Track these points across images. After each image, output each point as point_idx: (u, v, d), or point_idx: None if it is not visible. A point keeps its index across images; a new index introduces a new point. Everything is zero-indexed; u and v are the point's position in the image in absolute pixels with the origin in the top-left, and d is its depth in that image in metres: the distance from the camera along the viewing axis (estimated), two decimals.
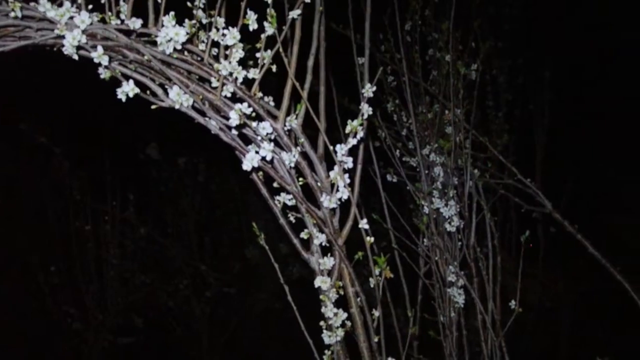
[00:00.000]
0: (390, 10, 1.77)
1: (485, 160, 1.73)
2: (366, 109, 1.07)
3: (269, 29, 0.99)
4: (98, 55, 0.92)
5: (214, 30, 0.99)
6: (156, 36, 0.96)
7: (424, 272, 1.66)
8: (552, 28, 3.03)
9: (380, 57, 1.89)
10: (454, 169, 1.62)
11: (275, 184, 1.11)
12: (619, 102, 3.07)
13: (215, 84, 1.00)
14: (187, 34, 0.97)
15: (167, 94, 1.01)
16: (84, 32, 0.90)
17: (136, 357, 3.75)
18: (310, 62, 1.11)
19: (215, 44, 1.03)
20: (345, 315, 1.14)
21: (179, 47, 0.96)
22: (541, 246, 3.11)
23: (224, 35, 0.98)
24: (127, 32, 0.96)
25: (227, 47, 1.02)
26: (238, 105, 0.94)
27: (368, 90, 1.08)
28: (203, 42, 1.04)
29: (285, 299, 1.25)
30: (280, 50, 0.99)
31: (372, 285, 1.16)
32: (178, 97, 0.99)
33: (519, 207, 1.88)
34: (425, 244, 1.58)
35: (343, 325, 1.15)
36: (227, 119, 0.98)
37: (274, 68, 1.04)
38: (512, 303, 1.42)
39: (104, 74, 0.98)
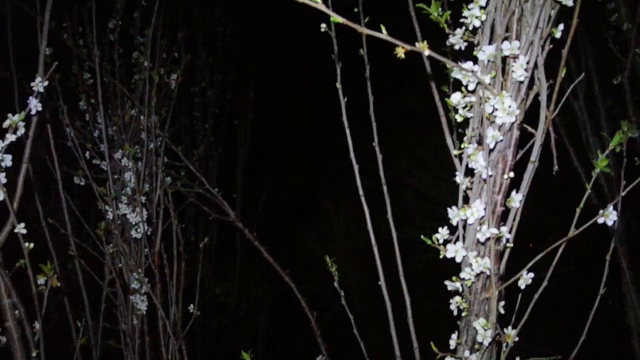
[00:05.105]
0: (90, 4, 1.68)
1: (179, 169, 1.77)
2: (34, 104, 0.99)
3: None
4: None
5: None
6: None
7: (109, 280, 1.60)
8: (259, 52, 3.31)
9: (77, 52, 1.77)
10: (146, 175, 1.62)
11: None
12: (310, 128, 3.52)
13: None
14: None
15: None
16: None
17: None
18: None
19: None
20: None
21: None
22: (238, 252, 3.32)
23: None
24: None
25: None
26: None
27: (38, 84, 1.00)
28: None
29: None
30: None
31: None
32: None
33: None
34: (110, 250, 1.53)
35: None
36: None
37: None
38: (191, 307, 1.48)
39: None
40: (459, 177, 0.77)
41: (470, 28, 0.72)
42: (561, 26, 0.75)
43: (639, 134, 1.71)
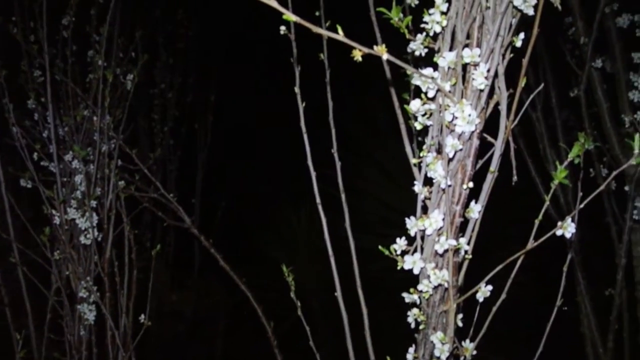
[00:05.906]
0: None
1: (134, 173, 1.70)
2: None
3: None
4: None
5: None
6: None
7: (55, 288, 1.52)
8: (221, 55, 3.26)
9: (27, 48, 1.69)
10: (98, 178, 1.55)
11: None
12: (272, 132, 3.47)
13: None
14: None
15: None
16: None
17: None
18: None
19: None
20: None
21: None
22: (197, 258, 3.25)
23: None
24: None
25: None
26: None
27: None
28: None
29: None
30: None
31: None
32: None
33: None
34: (57, 257, 1.46)
35: None
36: None
37: None
38: (142, 317, 1.41)
39: None
40: (418, 187, 0.76)
41: (431, 34, 0.70)
42: (522, 35, 0.74)
43: (595, 145, 1.75)
